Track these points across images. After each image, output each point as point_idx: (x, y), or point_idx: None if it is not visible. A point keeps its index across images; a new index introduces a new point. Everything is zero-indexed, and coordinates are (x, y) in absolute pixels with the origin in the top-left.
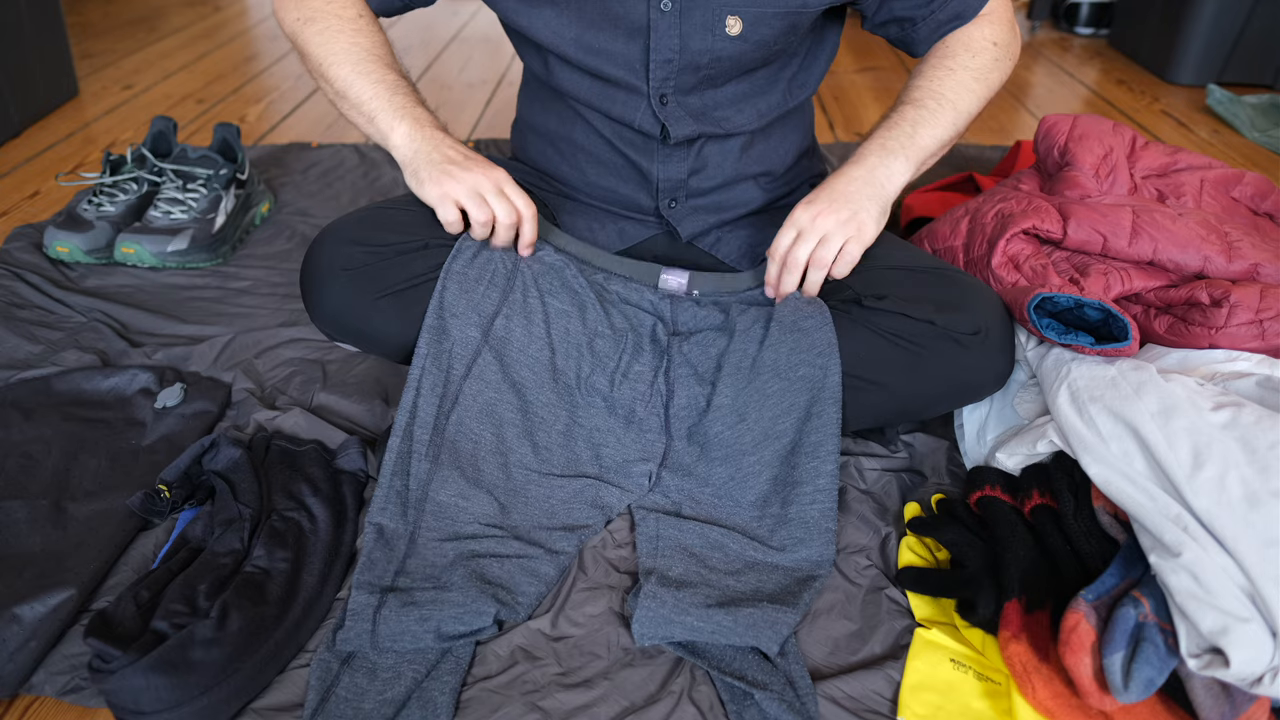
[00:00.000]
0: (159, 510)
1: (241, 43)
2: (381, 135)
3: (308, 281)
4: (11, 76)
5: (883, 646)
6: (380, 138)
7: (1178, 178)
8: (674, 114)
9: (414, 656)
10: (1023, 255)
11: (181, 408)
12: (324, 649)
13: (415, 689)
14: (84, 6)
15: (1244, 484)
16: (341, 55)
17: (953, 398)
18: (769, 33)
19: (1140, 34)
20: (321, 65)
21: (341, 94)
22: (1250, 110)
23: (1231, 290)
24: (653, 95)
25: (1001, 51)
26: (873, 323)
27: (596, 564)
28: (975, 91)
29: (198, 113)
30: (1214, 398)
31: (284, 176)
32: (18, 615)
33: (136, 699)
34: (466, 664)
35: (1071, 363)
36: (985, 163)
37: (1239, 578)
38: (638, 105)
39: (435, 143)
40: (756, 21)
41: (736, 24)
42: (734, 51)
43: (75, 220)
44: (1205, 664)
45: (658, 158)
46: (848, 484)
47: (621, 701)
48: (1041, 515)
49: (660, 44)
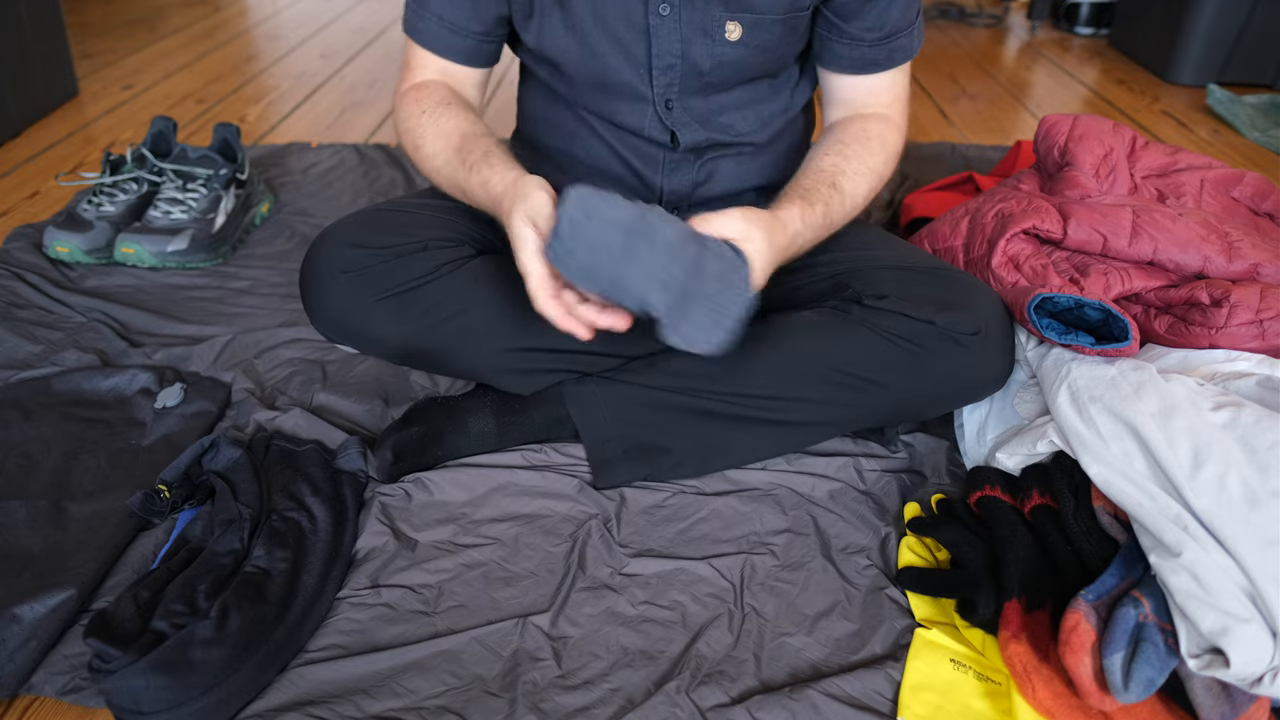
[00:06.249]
0: (159, 510)
1: (241, 43)
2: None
3: (307, 284)
4: (11, 76)
5: (883, 646)
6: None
7: (1178, 178)
8: (681, 120)
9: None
10: (1023, 255)
11: (181, 408)
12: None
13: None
14: (84, 6)
15: (1244, 484)
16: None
17: (952, 398)
18: (769, 37)
19: (1140, 34)
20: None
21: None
22: (1250, 110)
23: (1232, 290)
24: (657, 101)
25: (896, 162)
26: (872, 322)
27: (597, 564)
28: (870, 198)
29: (198, 113)
30: (1214, 398)
31: (284, 176)
32: (17, 615)
33: (136, 699)
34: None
35: (1071, 363)
36: (985, 163)
37: (1239, 578)
38: (644, 112)
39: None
40: (756, 26)
41: (736, 29)
42: (735, 56)
43: (75, 220)
44: (1205, 664)
45: (664, 169)
46: (848, 484)
47: (621, 701)
48: (1041, 515)
49: (661, 49)
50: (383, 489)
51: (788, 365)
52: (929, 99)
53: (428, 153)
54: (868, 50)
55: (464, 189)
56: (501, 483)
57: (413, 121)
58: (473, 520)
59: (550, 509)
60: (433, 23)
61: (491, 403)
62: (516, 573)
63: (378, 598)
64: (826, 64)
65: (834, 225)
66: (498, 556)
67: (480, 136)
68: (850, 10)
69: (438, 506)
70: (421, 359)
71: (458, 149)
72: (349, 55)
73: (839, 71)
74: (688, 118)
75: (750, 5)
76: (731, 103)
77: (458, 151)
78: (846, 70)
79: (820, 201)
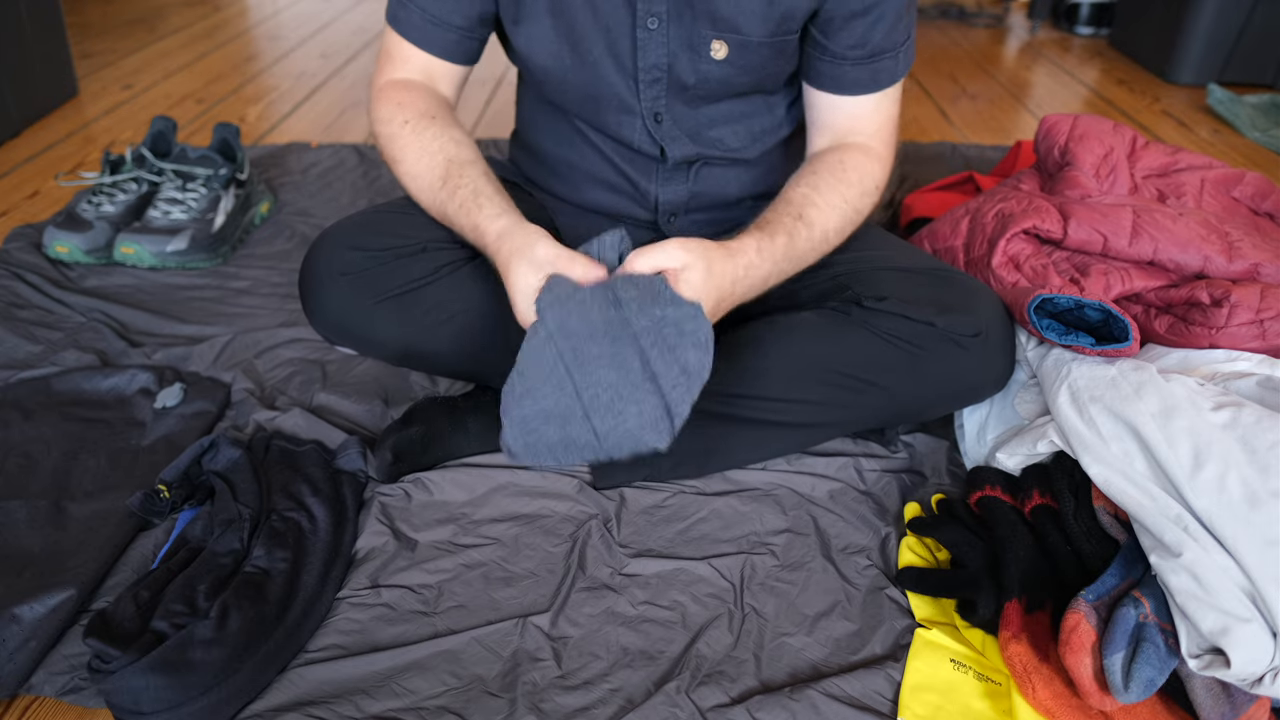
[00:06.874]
0: (158, 510)
1: (241, 43)
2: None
3: (306, 286)
4: (11, 76)
5: (883, 646)
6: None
7: (1178, 177)
8: (669, 133)
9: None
10: (1023, 255)
11: (181, 408)
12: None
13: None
14: (84, 6)
15: (1244, 484)
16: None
17: (953, 399)
18: (755, 59)
19: (1140, 34)
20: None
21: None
22: (1250, 110)
23: (1232, 290)
24: (646, 114)
25: (878, 196)
26: (872, 324)
27: (597, 564)
28: (845, 235)
29: (198, 113)
30: (1214, 398)
31: (284, 176)
32: (17, 615)
33: (136, 699)
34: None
35: (1072, 363)
36: (985, 163)
37: (1239, 578)
38: (633, 124)
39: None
40: (742, 47)
41: (722, 48)
42: (721, 74)
43: (75, 220)
44: (1206, 664)
45: (658, 179)
46: (848, 484)
47: (621, 702)
48: (1042, 515)
49: (647, 62)
50: (383, 489)
51: (788, 367)
52: (929, 99)
53: (408, 170)
54: (850, 69)
55: (449, 220)
56: (501, 483)
57: (394, 129)
58: (473, 520)
59: (550, 509)
60: (415, 13)
61: (491, 403)
62: (516, 573)
63: (378, 598)
64: (810, 80)
65: (801, 258)
66: (498, 557)
67: (467, 165)
68: (833, 27)
69: (438, 506)
70: (421, 360)
71: (444, 178)
72: (349, 55)
73: (821, 89)
74: (677, 131)
75: (737, 27)
76: (721, 116)
77: (444, 181)
78: (829, 89)
79: (783, 233)
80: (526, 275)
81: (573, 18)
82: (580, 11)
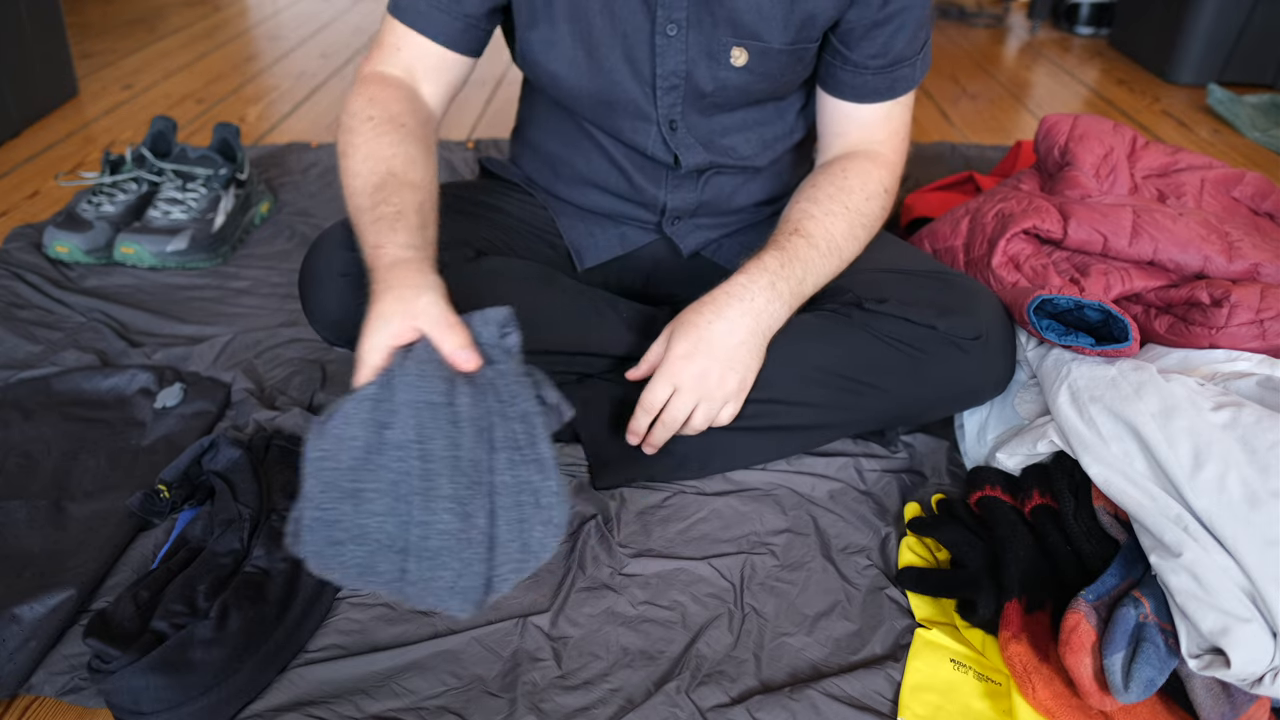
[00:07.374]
0: (158, 510)
1: (241, 43)
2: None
3: (305, 287)
4: (11, 76)
5: (883, 646)
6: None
7: (1178, 177)
8: (684, 141)
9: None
10: (1023, 255)
11: (181, 408)
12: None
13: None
14: (84, 6)
15: (1244, 484)
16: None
17: (953, 402)
18: (774, 66)
19: (1140, 34)
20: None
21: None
22: (1250, 110)
23: (1232, 290)
24: (662, 121)
25: (888, 199)
26: (873, 326)
27: (596, 564)
28: (859, 239)
29: (198, 113)
30: (1214, 398)
31: (284, 176)
32: (17, 615)
33: (136, 699)
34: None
35: (1072, 363)
36: (985, 163)
37: (1239, 578)
38: (648, 131)
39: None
40: (763, 55)
41: (742, 55)
42: (740, 82)
43: (75, 220)
44: (1206, 664)
45: (667, 185)
46: (848, 484)
47: (621, 702)
48: (1042, 515)
49: (665, 69)
50: None
51: (788, 369)
52: (929, 99)
53: (349, 168)
54: (870, 78)
55: (359, 230)
56: None
57: (356, 123)
58: None
59: None
60: (422, 0)
61: None
62: None
63: (377, 598)
64: (829, 89)
65: (819, 270)
66: None
67: (407, 187)
68: (855, 36)
69: None
70: None
71: (378, 187)
72: (349, 55)
73: (839, 98)
74: (691, 139)
75: (757, 34)
76: (735, 124)
77: (376, 189)
78: (847, 97)
79: (790, 250)
80: (393, 317)
81: (590, 23)
82: (598, 17)
